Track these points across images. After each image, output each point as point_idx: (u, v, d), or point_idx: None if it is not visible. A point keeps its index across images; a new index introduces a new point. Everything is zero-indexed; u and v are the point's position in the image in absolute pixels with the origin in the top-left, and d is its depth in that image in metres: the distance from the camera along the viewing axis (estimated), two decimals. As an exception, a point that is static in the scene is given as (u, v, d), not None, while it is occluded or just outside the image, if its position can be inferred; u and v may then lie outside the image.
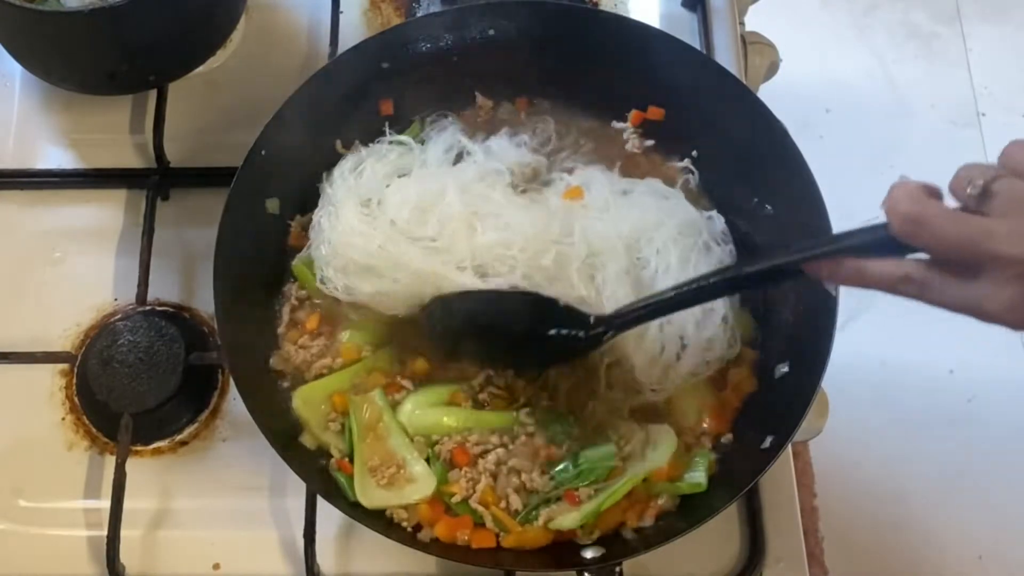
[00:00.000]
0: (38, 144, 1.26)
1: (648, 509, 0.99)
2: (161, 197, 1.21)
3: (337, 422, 1.02)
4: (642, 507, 0.99)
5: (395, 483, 0.98)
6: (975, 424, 2.18)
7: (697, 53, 1.16)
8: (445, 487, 0.98)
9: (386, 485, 0.97)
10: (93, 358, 1.11)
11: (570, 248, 1.02)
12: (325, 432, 1.02)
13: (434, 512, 0.97)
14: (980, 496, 2.10)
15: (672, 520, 0.99)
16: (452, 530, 0.96)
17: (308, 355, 1.06)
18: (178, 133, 1.23)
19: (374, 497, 0.97)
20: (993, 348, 2.25)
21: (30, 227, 1.22)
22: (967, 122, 2.50)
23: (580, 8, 1.23)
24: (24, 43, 1.18)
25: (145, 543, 1.06)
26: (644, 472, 0.97)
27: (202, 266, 1.18)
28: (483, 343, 1.01)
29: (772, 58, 1.39)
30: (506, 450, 0.99)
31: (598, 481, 0.97)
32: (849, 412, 1.17)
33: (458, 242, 1.02)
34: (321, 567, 1.03)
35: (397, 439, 0.99)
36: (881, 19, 2.57)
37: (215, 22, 1.24)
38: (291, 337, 1.07)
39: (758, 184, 1.10)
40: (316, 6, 1.32)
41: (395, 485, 0.98)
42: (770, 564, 1.04)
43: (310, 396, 1.03)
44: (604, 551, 0.97)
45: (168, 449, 1.11)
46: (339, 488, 0.99)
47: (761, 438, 0.99)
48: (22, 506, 1.08)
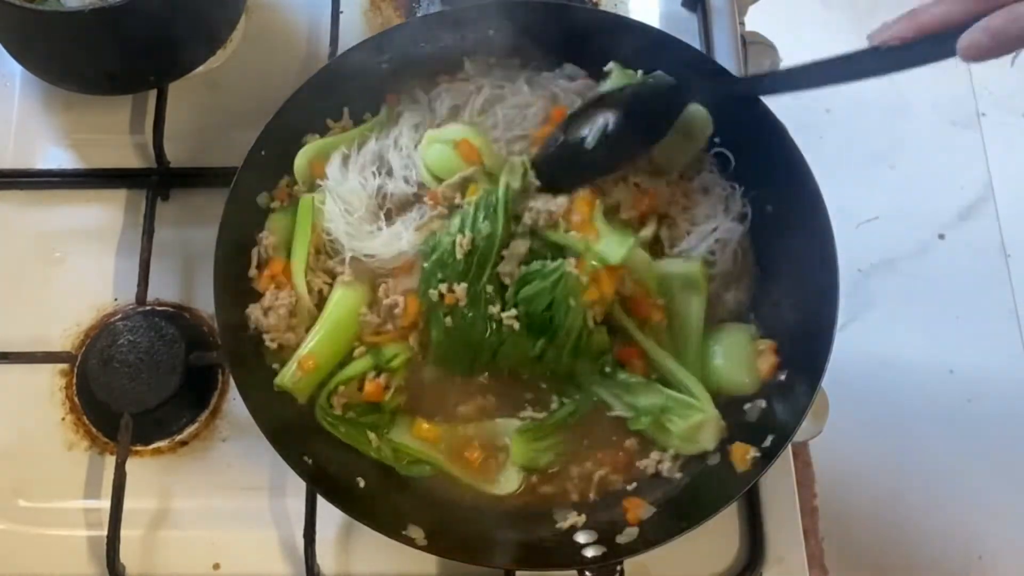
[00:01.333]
0: (38, 144, 1.26)
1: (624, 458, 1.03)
2: (161, 197, 1.21)
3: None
4: (625, 458, 1.03)
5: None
6: (975, 424, 2.18)
7: (697, 53, 1.16)
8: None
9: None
10: (93, 358, 1.11)
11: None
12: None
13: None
14: (980, 496, 2.10)
15: (672, 520, 0.99)
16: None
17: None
18: (178, 133, 1.23)
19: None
20: (993, 348, 2.26)
21: (30, 227, 1.22)
22: (967, 122, 2.51)
23: (580, 8, 1.23)
24: (24, 43, 1.18)
25: (145, 543, 1.06)
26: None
27: (202, 266, 1.18)
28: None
29: (772, 58, 1.39)
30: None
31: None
32: (849, 412, 1.17)
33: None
34: (321, 567, 1.03)
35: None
36: (881, 19, 2.55)
37: (215, 22, 1.24)
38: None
39: (758, 184, 1.10)
40: (316, 6, 1.32)
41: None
42: (770, 564, 1.04)
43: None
44: (604, 551, 0.97)
45: (168, 449, 1.11)
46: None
47: (761, 438, 0.99)
48: (22, 506, 1.08)
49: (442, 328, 1.02)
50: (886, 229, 2.32)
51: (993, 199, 2.41)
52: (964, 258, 2.35)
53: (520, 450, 1.03)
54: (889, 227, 2.33)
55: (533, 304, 1.00)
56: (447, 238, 1.02)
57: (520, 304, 1.01)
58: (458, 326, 1.02)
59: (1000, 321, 2.30)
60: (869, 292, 2.29)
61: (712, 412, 1.01)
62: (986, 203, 2.41)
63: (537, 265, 1.01)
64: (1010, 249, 2.37)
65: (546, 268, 1.00)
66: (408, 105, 1.16)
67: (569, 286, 0.99)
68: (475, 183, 1.06)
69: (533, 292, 1.00)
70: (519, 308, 1.01)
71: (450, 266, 1.01)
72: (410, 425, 1.04)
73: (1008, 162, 2.46)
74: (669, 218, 1.09)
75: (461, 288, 1.01)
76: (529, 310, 1.01)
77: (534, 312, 1.01)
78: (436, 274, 1.02)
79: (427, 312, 1.03)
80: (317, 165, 1.11)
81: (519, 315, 1.01)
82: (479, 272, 1.01)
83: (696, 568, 1.05)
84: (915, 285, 2.31)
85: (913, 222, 2.36)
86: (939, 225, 2.37)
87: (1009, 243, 2.37)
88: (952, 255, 2.35)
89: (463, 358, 1.04)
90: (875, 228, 2.31)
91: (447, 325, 1.02)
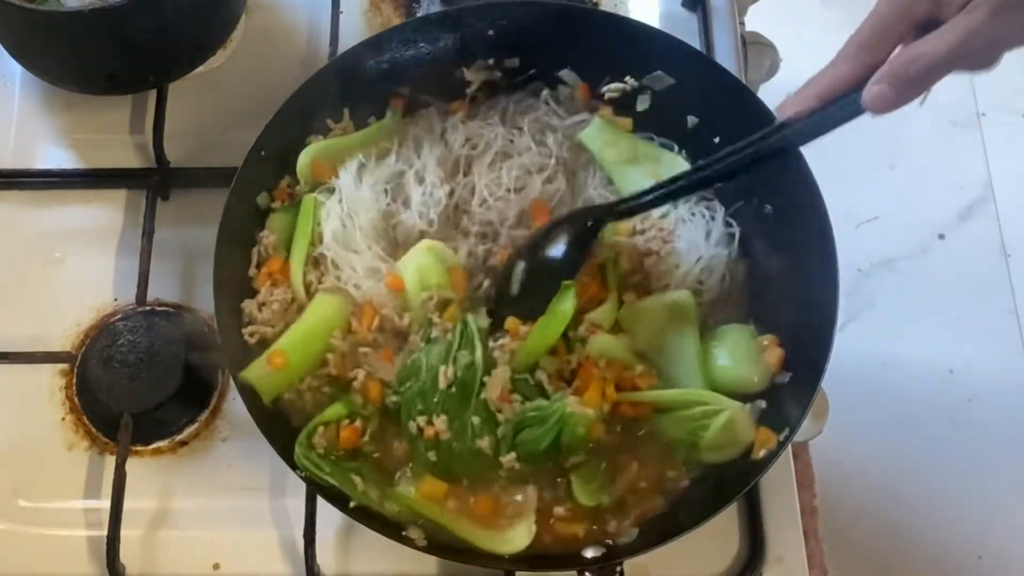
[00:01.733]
0: (38, 144, 1.26)
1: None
2: (161, 197, 1.21)
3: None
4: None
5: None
6: (975, 424, 2.18)
7: (697, 53, 1.16)
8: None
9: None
10: (93, 358, 1.11)
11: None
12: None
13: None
14: (980, 496, 2.10)
15: (672, 520, 0.99)
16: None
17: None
18: (178, 133, 1.23)
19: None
20: (993, 348, 2.26)
21: (30, 227, 1.22)
22: (967, 122, 2.51)
23: (580, 8, 1.23)
24: (24, 43, 1.18)
25: (145, 543, 1.06)
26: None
27: (202, 266, 1.17)
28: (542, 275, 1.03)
29: (772, 58, 1.39)
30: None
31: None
32: (849, 412, 1.17)
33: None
34: (321, 567, 1.03)
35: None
36: (881, 19, 2.57)
37: (215, 22, 1.24)
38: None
39: (758, 184, 1.10)
40: (316, 6, 1.32)
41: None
42: (770, 564, 1.04)
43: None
44: (604, 551, 0.97)
45: (168, 449, 1.11)
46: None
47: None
48: (22, 506, 1.08)
49: (426, 462, 0.98)
50: (886, 229, 2.32)
51: (993, 199, 2.41)
52: (964, 258, 2.35)
53: (582, 491, 0.99)
54: (889, 227, 2.33)
55: (532, 446, 0.97)
56: (427, 371, 0.98)
57: (519, 448, 0.98)
58: (444, 460, 0.98)
59: (1000, 321, 2.30)
60: (869, 292, 2.29)
61: (734, 404, 0.99)
62: (986, 203, 2.41)
63: (533, 410, 0.97)
64: (1010, 249, 2.37)
65: (543, 411, 0.96)
66: (424, 129, 1.15)
67: (575, 422, 0.96)
68: (454, 306, 1.04)
69: (532, 438, 0.97)
70: (519, 451, 0.98)
71: (430, 396, 0.98)
72: (417, 480, 0.99)
73: (1008, 162, 2.46)
74: (651, 255, 1.08)
75: (441, 421, 0.97)
76: (529, 451, 0.98)
77: (535, 452, 0.98)
78: (416, 405, 0.98)
79: (408, 443, 1.00)
80: (319, 166, 1.11)
81: (518, 456, 0.98)
82: (464, 403, 0.97)
83: (696, 568, 1.04)
84: (915, 285, 2.31)
85: (913, 222, 2.36)
86: (939, 225, 2.37)
87: (1009, 243, 2.37)
88: (952, 255, 2.35)
89: (457, 478, 1.00)
90: (875, 228, 2.31)
91: (431, 460, 0.98)
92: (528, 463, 0.99)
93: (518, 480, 0.99)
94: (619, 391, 1.00)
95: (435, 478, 0.99)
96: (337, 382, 1.03)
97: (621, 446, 1.02)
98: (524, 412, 0.97)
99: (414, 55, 1.13)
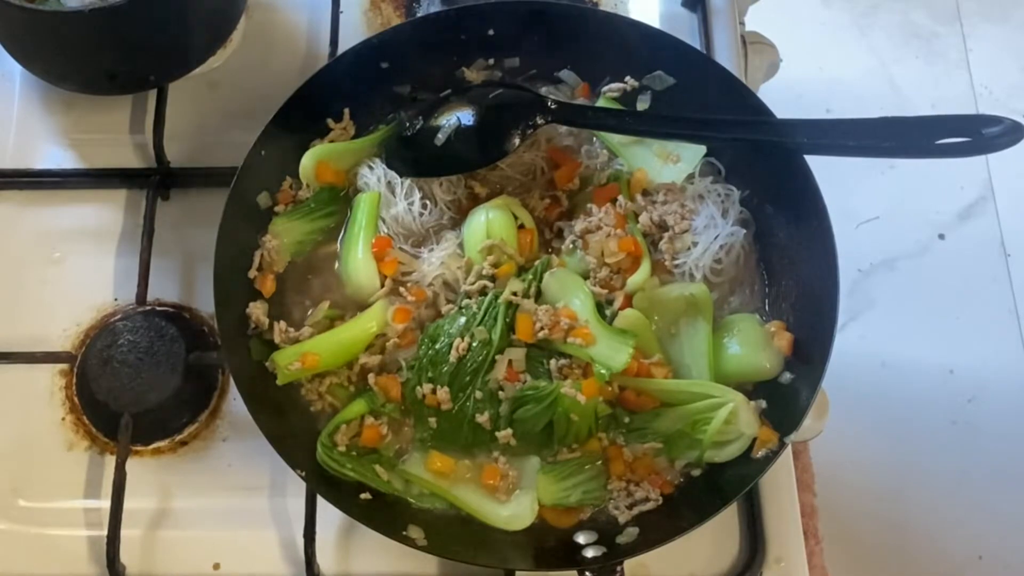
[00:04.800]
0: (38, 144, 1.26)
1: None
2: (161, 197, 1.21)
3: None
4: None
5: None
6: (975, 424, 2.18)
7: (697, 53, 1.16)
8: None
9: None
10: (93, 358, 1.11)
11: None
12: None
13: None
14: (980, 496, 2.10)
15: (672, 520, 0.99)
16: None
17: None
18: (178, 133, 1.23)
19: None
20: (993, 348, 2.26)
21: (30, 227, 1.22)
22: (967, 122, 2.51)
23: (580, 8, 1.23)
24: (24, 43, 1.18)
25: (145, 543, 1.06)
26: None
27: (202, 266, 1.17)
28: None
29: (772, 58, 1.39)
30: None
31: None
32: (849, 412, 1.17)
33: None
34: (321, 567, 1.03)
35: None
36: (881, 19, 2.57)
37: (215, 22, 1.24)
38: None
39: (758, 184, 1.10)
40: (316, 6, 1.32)
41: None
42: (770, 564, 1.04)
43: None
44: (605, 551, 0.97)
45: (168, 449, 1.11)
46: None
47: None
48: (22, 506, 1.08)
49: (427, 428, 1.02)
50: (886, 229, 2.32)
51: (993, 199, 2.41)
52: (964, 258, 2.35)
53: (546, 489, 1.00)
54: (889, 227, 2.33)
55: (528, 425, 1.00)
56: (445, 338, 1.01)
57: (516, 424, 1.00)
58: (443, 429, 1.01)
59: (1000, 321, 2.30)
60: (869, 292, 2.29)
61: (737, 396, 0.99)
62: (986, 203, 2.41)
63: (531, 389, 0.99)
64: (1010, 249, 2.37)
65: (540, 392, 0.99)
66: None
67: (567, 406, 0.98)
68: (510, 264, 1.05)
69: (528, 415, 0.99)
70: (515, 427, 1.00)
71: (439, 366, 1.00)
72: (424, 458, 1.02)
73: (1008, 162, 2.44)
74: (668, 229, 1.08)
75: (444, 392, 1.00)
76: (525, 429, 1.00)
77: (530, 432, 1.00)
78: (427, 371, 1.01)
79: (413, 407, 1.03)
80: (324, 168, 1.11)
81: (515, 434, 1.00)
82: (471, 379, 1.00)
83: (696, 568, 1.05)
84: (915, 285, 2.31)
85: (913, 222, 2.36)
86: (939, 225, 2.38)
87: (1009, 243, 2.37)
88: (952, 255, 2.35)
89: (456, 448, 1.02)
90: (875, 228, 2.31)
91: (432, 426, 1.01)
92: (524, 443, 1.01)
93: (520, 454, 1.02)
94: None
95: (439, 453, 1.01)
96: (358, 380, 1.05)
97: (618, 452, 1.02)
98: (523, 390, 1.00)
99: (414, 55, 1.14)
